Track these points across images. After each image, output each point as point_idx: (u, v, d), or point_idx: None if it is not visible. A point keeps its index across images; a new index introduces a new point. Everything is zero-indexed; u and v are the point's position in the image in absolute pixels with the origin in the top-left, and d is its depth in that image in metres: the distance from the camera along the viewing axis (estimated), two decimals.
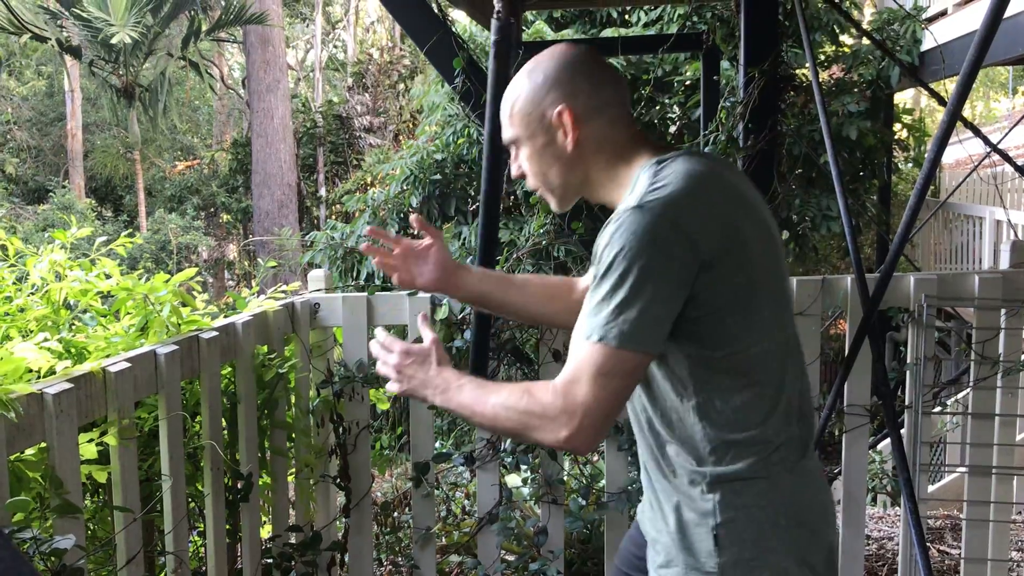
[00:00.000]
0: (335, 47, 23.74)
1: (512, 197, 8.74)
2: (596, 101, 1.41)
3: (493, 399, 1.33)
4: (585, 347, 1.25)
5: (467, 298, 1.81)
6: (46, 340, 1.70)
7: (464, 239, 8.63)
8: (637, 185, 1.34)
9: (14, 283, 2.08)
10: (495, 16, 2.29)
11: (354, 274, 9.17)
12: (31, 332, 1.91)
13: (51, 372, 1.67)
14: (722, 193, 1.34)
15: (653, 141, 1.46)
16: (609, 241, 1.25)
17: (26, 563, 0.33)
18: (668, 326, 1.27)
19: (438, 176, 8.99)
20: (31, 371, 1.63)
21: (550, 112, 1.41)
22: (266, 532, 2.47)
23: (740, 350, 1.31)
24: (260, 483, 2.34)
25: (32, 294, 2.06)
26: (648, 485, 1.47)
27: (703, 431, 1.33)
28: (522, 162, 1.49)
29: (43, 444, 1.56)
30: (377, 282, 9.01)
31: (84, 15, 15.65)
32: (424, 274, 1.71)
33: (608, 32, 9.32)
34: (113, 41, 15.57)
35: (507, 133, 1.49)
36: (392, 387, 1.47)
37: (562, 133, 1.41)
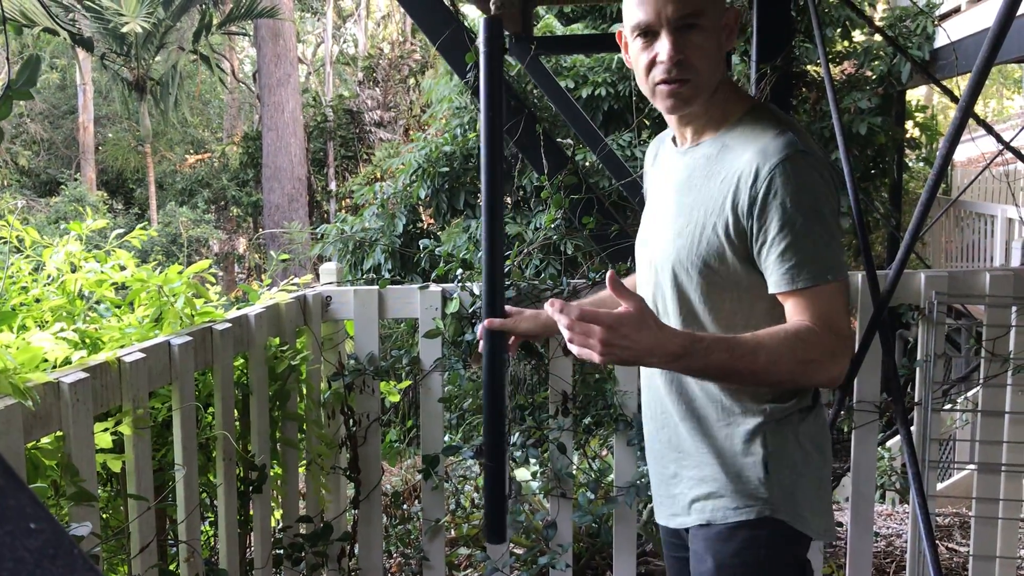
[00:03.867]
0: (346, 41, 23.76)
1: (521, 191, 8.75)
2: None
3: (762, 355, 1.30)
4: (828, 289, 1.33)
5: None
6: (62, 330, 1.72)
7: (472, 232, 8.64)
8: (763, 126, 1.39)
9: (30, 274, 2.10)
10: (490, 13, 2.18)
11: (363, 267, 9.20)
12: (47, 322, 1.93)
13: (67, 362, 1.69)
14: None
15: None
16: (799, 186, 1.32)
17: (66, 534, 0.34)
18: None
19: (446, 169, 9.00)
20: (47, 360, 1.65)
21: (726, 10, 1.44)
22: (275, 521, 2.49)
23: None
24: (271, 474, 2.35)
25: (48, 285, 2.08)
26: (684, 421, 1.52)
27: None
28: (695, 40, 1.39)
29: (59, 433, 1.58)
30: (386, 275, 9.02)
31: (96, 8, 15.71)
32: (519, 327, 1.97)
33: (618, 27, 9.31)
34: (124, 31, 15.62)
35: (692, 5, 1.38)
36: (588, 355, 1.27)
37: (727, 32, 1.45)
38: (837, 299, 1.33)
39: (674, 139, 1.58)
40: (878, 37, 8.58)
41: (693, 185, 1.46)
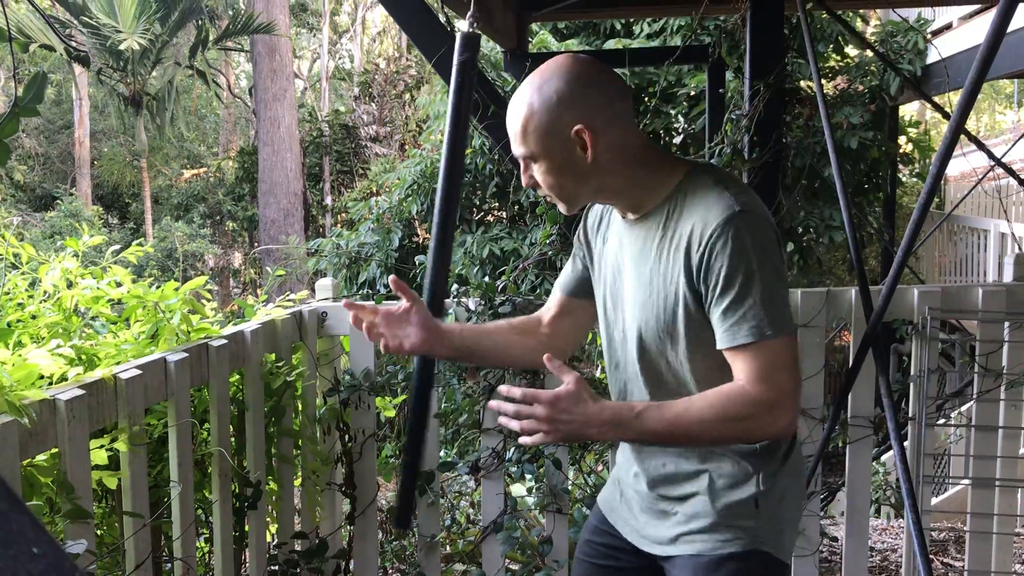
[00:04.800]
0: (342, 57, 23.85)
1: (517, 206, 8.77)
2: (610, 114, 1.45)
3: (688, 419, 1.38)
4: (768, 345, 1.37)
5: (453, 354, 1.78)
6: (59, 347, 1.72)
7: (467, 247, 8.66)
8: (704, 191, 1.43)
9: (26, 290, 2.10)
10: (468, 27, 2.10)
11: (357, 282, 9.20)
12: (43, 339, 1.93)
13: (63, 378, 1.69)
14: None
15: (658, 147, 1.57)
16: (737, 247, 1.37)
17: (67, 557, 0.35)
18: None
19: None
20: (43, 377, 1.65)
21: (568, 130, 1.43)
22: (270, 537, 2.48)
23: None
24: (267, 490, 2.35)
25: (44, 301, 2.08)
26: (676, 456, 1.55)
27: None
28: (535, 175, 1.50)
29: (55, 450, 1.58)
30: (382, 290, 9.03)
31: (93, 23, 15.75)
32: (410, 336, 1.64)
33: (612, 43, 9.36)
34: (121, 48, 15.65)
35: (519, 149, 1.49)
36: (539, 439, 1.38)
37: (580, 148, 1.44)
38: (779, 354, 1.37)
39: None
40: (870, 53, 8.65)
41: (648, 255, 1.49)
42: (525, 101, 1.47)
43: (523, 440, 1.38)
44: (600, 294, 1.65)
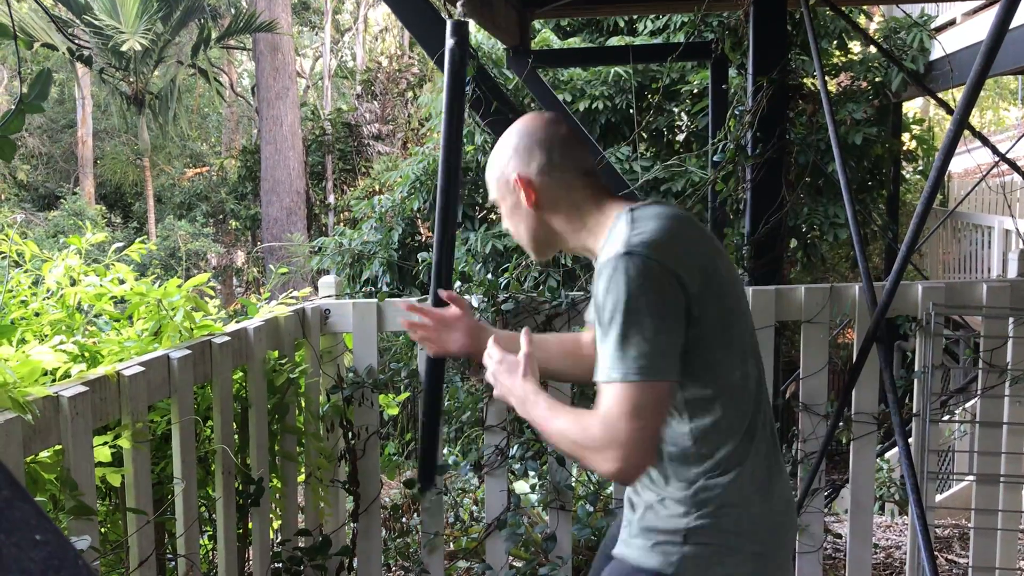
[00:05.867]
0: (344, 55, 23.85)
1: None
2: (549, 166, 1.57)
3: (555, 424, 1.45)
4: (612, 388, 1.36)
5: None
6: (62, 343, 1.72)
7: (470, 245, 8.66)
8: (616, 231, 1.46)
9: (30, 287, 2.10)
10: (456, 14, 2.17)
11: (360, 280, 9.21)
12: (46, 336, 1.93)
13: (66, 375, 1.69)
14: (695, 234, 1.50)
15: (616, 194, 1.63)
16: (608, 287, 1.38)
17: (70, 545, 0.35)
18: (677, 354, 1.39)
19: None
20: (47, 374, 1.65)
21: (511, 178, 1.59)
22: (274, 534, 2.49)
23: (723, 375, 1.46)
24: (270, 487, 2.35)
25: (47, 298, 2.08)
26: (642, 482, 1.59)
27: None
28: (504, 219, 1.67)
29: (58, 446, 1.58)
30: (384, 287, 9.03)
31: (95, 23, 15.76)
32: (456, 340, 1.81)
33: (614, 40, 9.36)
34: (123, 49, 15.67)
35: (490, 195, 1.68)
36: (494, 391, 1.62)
37: (522, 195, 1.58)
38: (621, 401, 1.34)
39: None
40: (874, 49, 8.63)
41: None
42: (495, 150, 1.66)
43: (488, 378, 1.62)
44: None
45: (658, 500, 1.50)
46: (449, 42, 1.98)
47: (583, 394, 2.61)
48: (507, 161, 1.60)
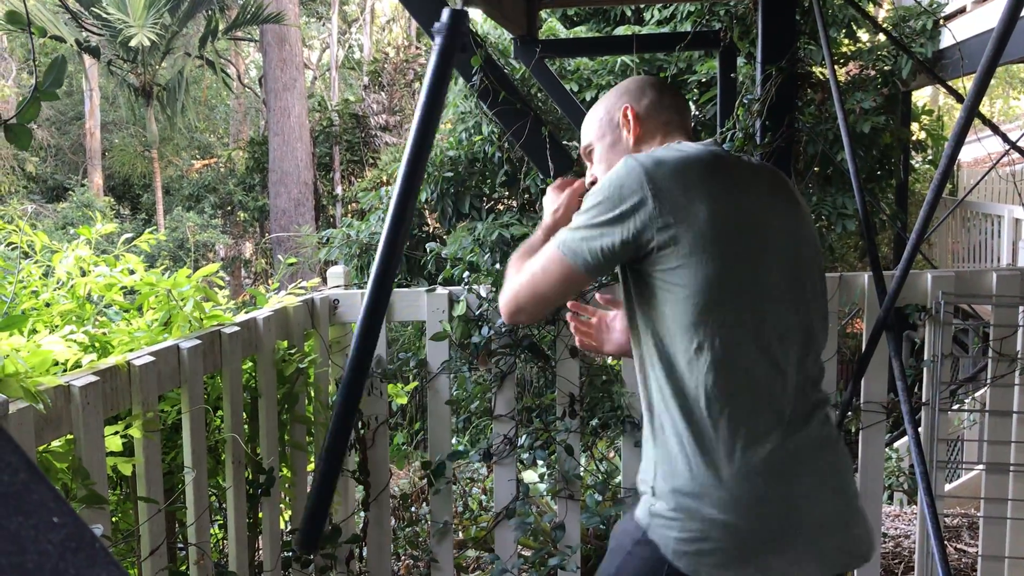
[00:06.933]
0: (351, 46, 23.82)
1: (527, 194, 8.76)
2: (657, 105, 1.67)
3: (523, 254, 1.69)
4: (548, 247, 1.55)
5: None
6: (72, 333, 1.73)
7: (478, 235, 8.65)
8: None
9: (40, 278, 2.11)
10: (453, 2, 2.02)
11: (368, 271, 9.22)
12: (57, 326, 1.94)
13: (77, 365, 1.70)
14: (704, 172, 1.47)
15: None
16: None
17: (87, 528, 0.35)
18: (610, 257, 1.47)
19: (451, 173, 9.02)
20: (57, 364, 1.66)
21: (617, 114, 1.68)
22: (284, 523, 2.50)
23: (722, 327, 1.42)
24: (280, 476, 2.36)
25: (58, 289, 2.09)
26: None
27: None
28: (593, 168, 1.74)
29: (70, 436, 1.59)
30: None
31: (103, 15, 15.77)
32: (612, 341, 1.85)
33: (621, 30, 9.32)
34: (132, 44, 15.68)
35: (581, 146, 1.78)
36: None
37: (626, 130, 1.67)
38: (550, 264, 1.52)
39: None
40: (883, 37, 8.58)
41: None
42: (600, 102, 1.75)
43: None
44: None
45: (647, 454, 1.54)
46: (438, 34, 1.90)
47: (591, 383, 2.61)
48: (616, 99, 1.70)
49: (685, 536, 1.41)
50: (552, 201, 1.84)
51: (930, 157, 10.49)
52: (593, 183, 1.69)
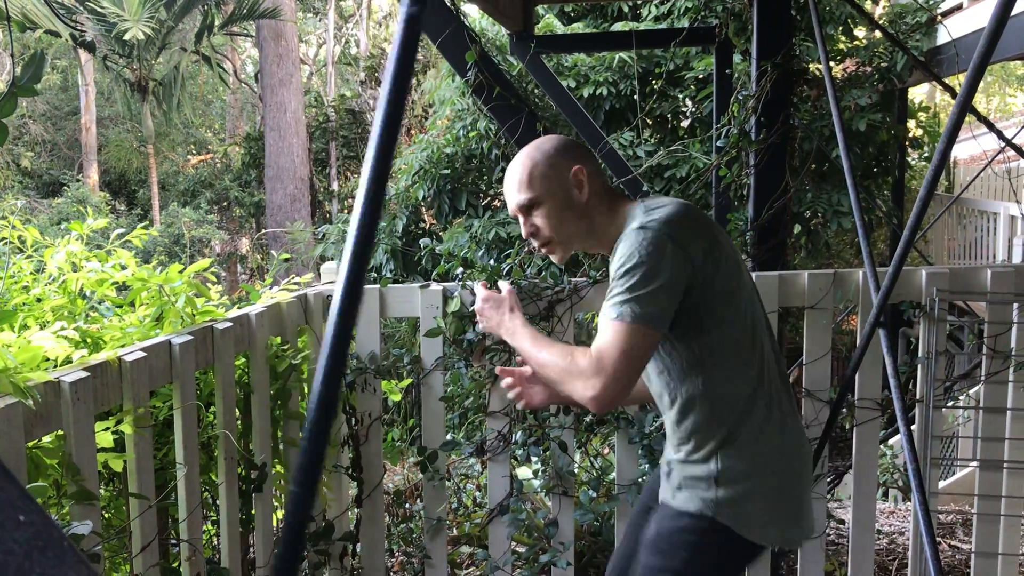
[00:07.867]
0: (347, 42, 23.76)
1: None
2: (593, 166, 1.81)
3: (542, 353, 1.71)
4: (613, 326, 1.58)
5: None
6: (63, 329, 1.72)
7: (474, 232, 8.64)
8: (633, 218, 1.68)
9: (32, 273, 2.10)
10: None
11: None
12: (48, 322, 1.93)
13: (68, 361, 1.69)
14: (700, 218, 1.72)
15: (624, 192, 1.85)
16: (624, 251, 1.60)
17: (55, 525, 0.34)
18: (671, 311, 1.61)
19: (447, 170, 9.00)
20: (48, 359, 1.65)
21: (567, 172, 1.75)
22: (277, 520, 2.49)
23: (730, 332, 1.68)
24: (273, 473, 2.36)
25: (49, 284, 2.08)
26: (672, 437, 1.85)
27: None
28: (536, 221, 1.79)
29: (60, 432, 1.59)
30: (388, 275, 9.03)
31: (98, 10, 15.72)
32: (538, 394, 2.00)
33: (619, 26, 9.31)
34: (127, 37, 15.63)
35: (521, 197, 1.78)
36: (479, 325, 1.97)
37: (578, 188, 1.76)
38: (620, 338, 1.57)
39: None
40: (879, 34, 8.57)
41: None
42: (525, 156, 1.79)
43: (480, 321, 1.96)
44: None
45: (688, 454, 1.73)
46: (404, 10, 1.91)
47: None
48: (560, 157, 1.77)
49: (758, 509, 1.69)
50: (495, 312, 1.90)
51: (926, 154, 10.49)
52: (533, 234, 1.80)
